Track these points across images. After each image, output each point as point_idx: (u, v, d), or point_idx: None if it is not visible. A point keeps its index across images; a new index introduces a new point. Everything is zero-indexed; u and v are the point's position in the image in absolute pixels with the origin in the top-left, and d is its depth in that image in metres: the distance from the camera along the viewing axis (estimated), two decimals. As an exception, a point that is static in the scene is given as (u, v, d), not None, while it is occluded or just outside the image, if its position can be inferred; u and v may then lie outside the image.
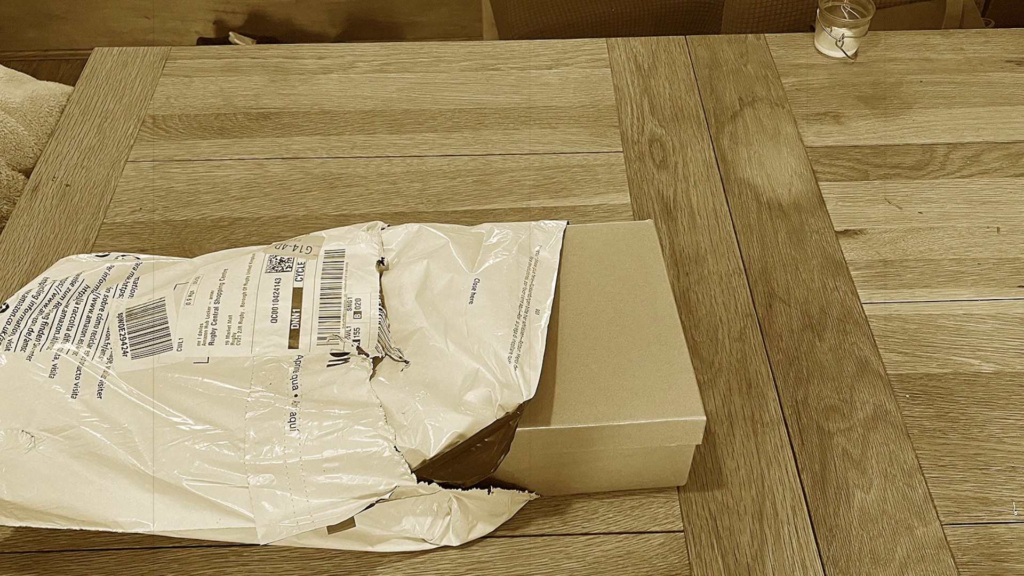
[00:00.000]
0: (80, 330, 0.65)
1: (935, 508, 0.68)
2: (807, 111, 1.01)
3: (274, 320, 0.65)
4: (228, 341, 0.64)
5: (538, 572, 0.65)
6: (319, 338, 0.65)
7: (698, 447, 0.71)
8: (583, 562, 0.65)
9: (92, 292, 0.68)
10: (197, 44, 2.21)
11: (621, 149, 0.96)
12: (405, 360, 0.64)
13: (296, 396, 0.62)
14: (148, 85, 1.04)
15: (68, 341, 0.64)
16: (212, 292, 0.67)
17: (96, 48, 1.09)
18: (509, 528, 0.67)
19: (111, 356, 0.64)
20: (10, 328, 0.65)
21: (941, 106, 1.01)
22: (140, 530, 0.58)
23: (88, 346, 0.64)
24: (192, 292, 0.67)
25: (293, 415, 0.61)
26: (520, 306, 0.67)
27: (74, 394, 0.62)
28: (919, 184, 0.93)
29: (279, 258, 0.69)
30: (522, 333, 0.65)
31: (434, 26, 2.22)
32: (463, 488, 0.62)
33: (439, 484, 0.61)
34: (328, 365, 0.63)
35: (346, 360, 0.63)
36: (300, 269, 0.68)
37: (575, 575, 0.65)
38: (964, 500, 0.69)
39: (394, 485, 0.59)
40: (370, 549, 0.65)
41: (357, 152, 0.96)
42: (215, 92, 1.03)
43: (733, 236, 0.87)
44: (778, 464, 0.71)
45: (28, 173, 1.12)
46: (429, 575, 0.64)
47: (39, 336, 0.65)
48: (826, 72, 1.06)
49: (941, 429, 0.73)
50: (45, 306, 0.67)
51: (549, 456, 0.65)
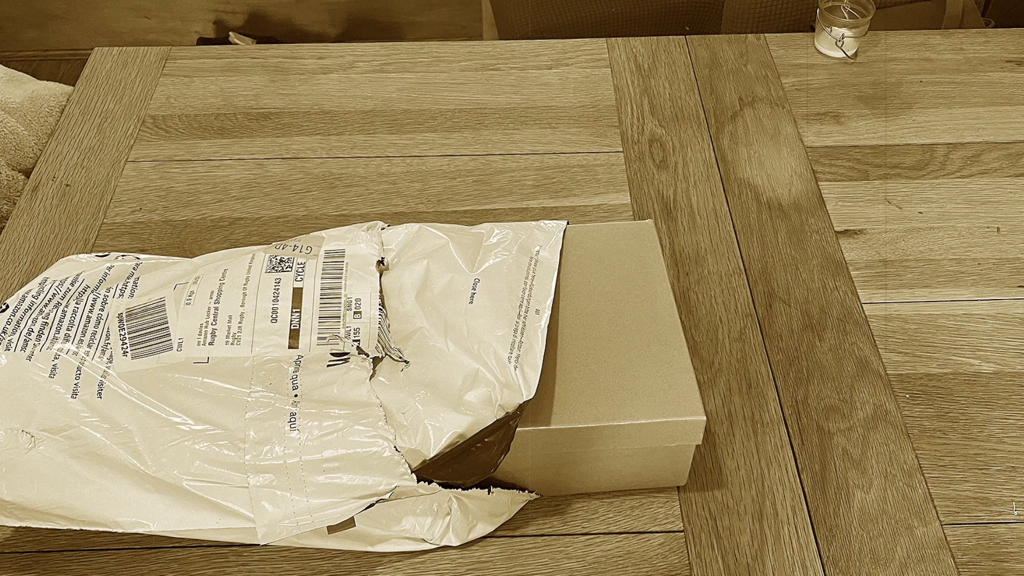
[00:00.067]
0: (80, 330, 0.65)
1: (935, 508, 0.68)
2: (807, 111, 1.01)
3: (274, 320, 0.65)
4: (228, 341, 0.64)
5: (538, 572, 0.65)
6: (319, 338, 0.65)
7: (698, 447, 0.71)
8: (583, 562, 0.65)
9: (92, 292, 0.68)
10: (197, 44, 2.21)
11: (621, 149, 0.96)
12: (405, 360, 0.64)
13: (296, 396, 0.61)
14: (148, 85, 1.04)
15: (68, 341, 0.64)
16: (212, 292, 0.67)
17: (96, 48, 1.09)
18: (509, 528, 0.67)
19: (111, 356, 0.64)
20: (10, 328, 0.65)
21: (941, 106, 1.01)
22: (140, 530, 0.58)
23: (88, 346, 0.64)
24: (192, 292, 0.67)
25: (293, 415, 0.60)
26: (520, 306, 0.67)
27: (74, 394, 0.62)
28: (919, 184, 0.93)
29: (279, 258, 0.69)
30: (522, 333, 0.65)
31: (434, 26, 2.21)
32: (463, 488, 0.62)
33: (439, 484, 0.61)
34: (328, 365, 0.63)
35: (346, 360, 0.63)
36: (300, 269, 0.68)
37: (575, 575, 0.65)
38: (964, 500, 0.69)
39: (394, 485, 0.59)
40: (370, 549, 0.65)
41: (357, 152, 0.96)
42: (215, 92, 1.03)
43: (733, 236, 0.87)
44: (778, 464, 0.71)
45: (28, 173, 1.12)
46: (429, 575, 0.64)
47: (39, 336, 0.65)
48: (826, 72, 1.06)
49: (941, 429, 0.73)
50: (45, 306, 0.67)
51: (549, 456, 0.65)
